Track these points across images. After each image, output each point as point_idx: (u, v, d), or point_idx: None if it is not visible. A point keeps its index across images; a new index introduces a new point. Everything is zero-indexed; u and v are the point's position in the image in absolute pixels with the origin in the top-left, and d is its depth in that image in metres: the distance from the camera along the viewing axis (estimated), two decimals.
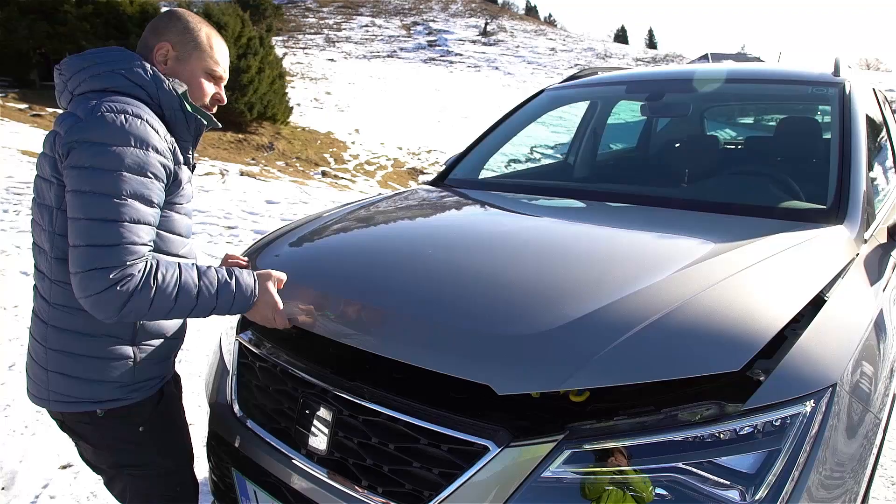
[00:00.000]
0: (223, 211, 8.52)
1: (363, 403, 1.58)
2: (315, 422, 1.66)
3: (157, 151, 1.47)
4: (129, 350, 1.59)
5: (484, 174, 3.35)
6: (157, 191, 1.48)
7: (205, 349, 4.14)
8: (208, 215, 7.96)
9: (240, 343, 2.00)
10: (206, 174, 12.60)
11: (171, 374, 1.81)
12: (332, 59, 38.39)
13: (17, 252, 6.19)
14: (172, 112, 1.59)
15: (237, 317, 2.13)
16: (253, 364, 1.93)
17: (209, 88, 1.70)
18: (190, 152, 1.69)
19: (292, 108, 20.59)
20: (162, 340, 1.68)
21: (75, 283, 1.40)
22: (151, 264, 1.45)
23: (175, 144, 1.57)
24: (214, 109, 1.75)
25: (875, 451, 1.65)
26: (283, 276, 1.73)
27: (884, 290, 1.98)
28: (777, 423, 1.31)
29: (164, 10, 1.75)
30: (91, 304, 1.40)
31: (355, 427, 1.59)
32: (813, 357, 1.43)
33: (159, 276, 1.45)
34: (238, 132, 18.24)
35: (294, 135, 19.82)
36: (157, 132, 1.48)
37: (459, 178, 3.19)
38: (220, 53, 1.71)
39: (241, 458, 1.86)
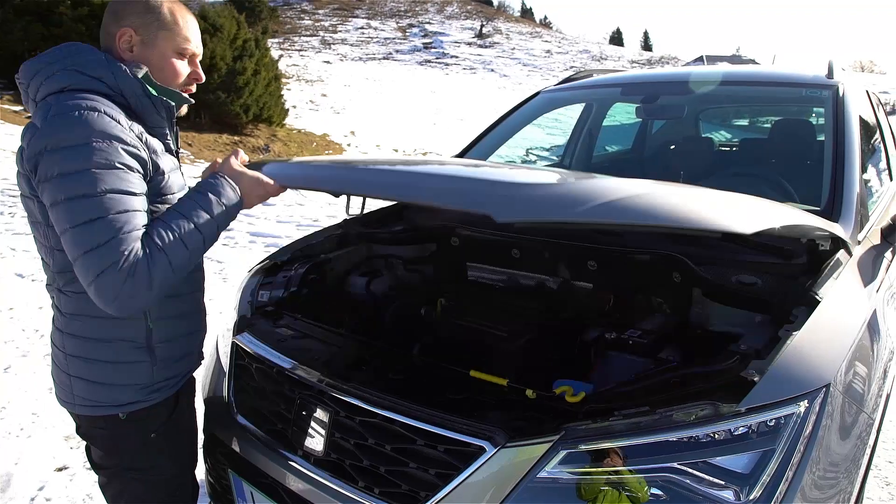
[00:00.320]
0: None
1: (360, 404, 1.58)
2: (312, 423, 1.66)
3: (121, 142, 1.38)
4: (145, 353, 1.58)
5: None
6: (135, 181, 1.40)
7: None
8: None
9: (236, 344, 2.00)
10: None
11: (192, 370, 1.78)
12: (327, 62, 38.42)
13: (12, 254, 6.17)
14: (137, 99, 1.49)
15: (234, 318, 2.14)
16: (249, 365, 1.93)
17: (183, 68, 1.59)
18: (169, 138, 1.62)
19: (288, 110, 20.58)
20: (177, 340, 1.66)
21: (92, 294, 1.36)
22: (147, 241, 1.39)
23: (145, 133, 1.49)
24: (193, 89, 1.66)
25: (868, 451, 1.66)
26: (244, 157, 1.69)
27: (877, 292, 1.99)
28: (771, 424, 1.32)
29: None
30: (118, 306, 1.36)
31: (352, 428, 1.59)
32: (806, 358, 1.44)
33: (156, 238, 1.39)
34: (234, 134, 18.22)
35: (290, 137, 19.82)
36: (119, 122, 1.40)
37: None
38: (188, 28, 1.58)
39: (238, 460, 1.86)
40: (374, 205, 2.79)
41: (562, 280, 2.33)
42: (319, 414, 1.65)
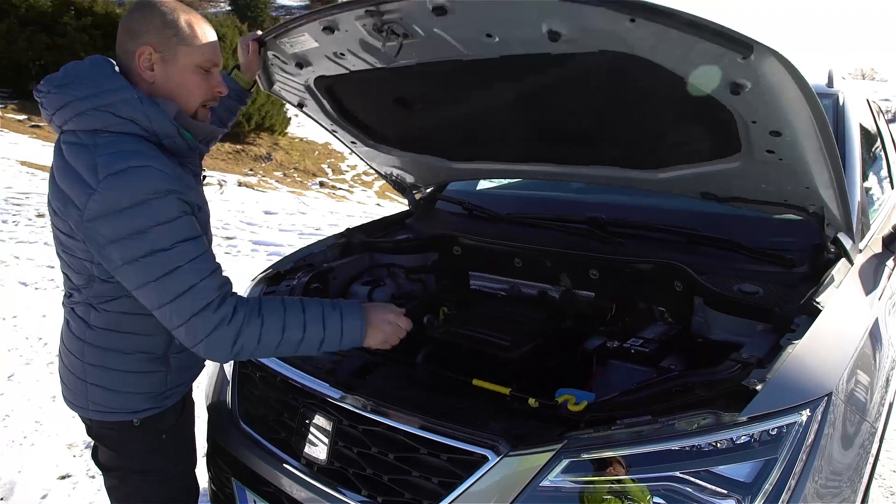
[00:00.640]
0: (221, 221, 8.54)
1: (363, 413, 1.59)
2: (315, 431, 1.67)
3: (174, 192, 1.39)
4: (161, 363, 1.63)
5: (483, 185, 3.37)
6: (192, 223, 1.43)
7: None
8: None
9: None
10: (205, 185, 12.63)
11: (198, 375, 1.82)
12: None
13: (16, 262, 6.20)
14: (170, 140, 1.48)
15: None
16: (253, 374, 1.94)
17: (204, 85, 1.55)
18: (196, 168, 1.66)
19: (290, 118, 20.65)
20: (189, 350, 1.58)
21: (183, 336, 1.40)
22: (249, 301, 1.45)
23: (178, 169, 1.47)
24: (216, 102, 1.65)
25: (871, 460, 1.66)
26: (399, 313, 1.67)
27: (879, 300, 1.99)
28: (773, 433, 1.32)
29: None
30: (204, 347, 1.40)
31: (355, 436, 1.60)
32: (808, 367, 1.44)
33: (263, 310, 1.44)
34: (236, 143, 18.28)
35: (292, 145, 19.88)
36: (165, 171, 1.39)
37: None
38: (207, 40, 1.53)
39: (241, 468, 1.87)
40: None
41: (564, 289, 2.34)
42: (322, 422, 1.66)
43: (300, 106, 2.42)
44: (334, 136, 2.65)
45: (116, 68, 1.48)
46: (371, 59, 1.86)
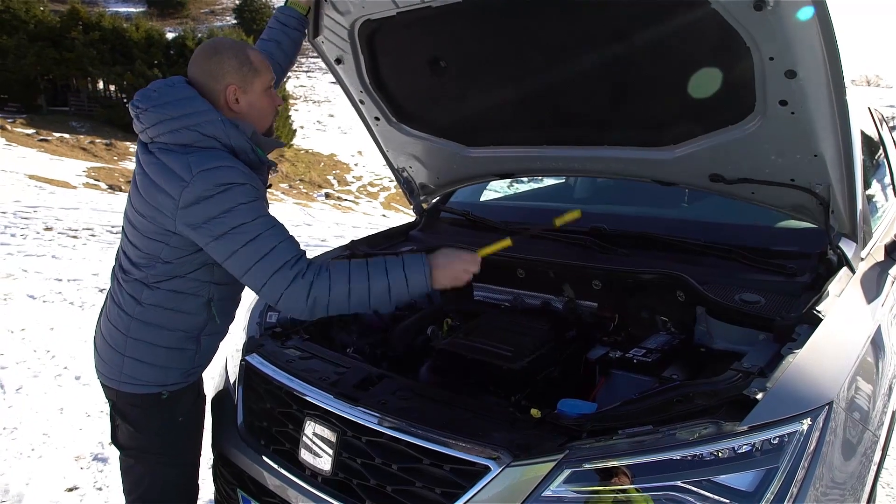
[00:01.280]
0: None
1: (366, 424, 1.60)
2: (319, 442, 1.68)
3: (248, 185, 1.65)
4: (193, 342, 1.84)
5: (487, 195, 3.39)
6: (266, 207, 1.72)
7: (211, 371, 4.15)
8: None
9: (245, 365, 2.03)
10: None
11: (207, 365, 1.98)
12: (334, 82, 38.74)
13: (24, 276, 6.24)
14: (245, 155, 1.73)
15: (243, 339, 2.16)
16: (258, 386, 1.96)
17: (272, 103, 1.84)
18: (266, 180, 1.87)
19: (296, 130, 20.78)
20: (216, 335, 1.93)
21: (265, 294, 1.66)
22: (321, 262, 1.69)
23: (254, 175, 1.72)
24: (278, 115, 1.97)
25: (874, 468, 1.66)
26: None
27: (881, 308, 2.00)
28: (775, 442, 1.33)
29: (204, 43, 1.87)
30: (284, 301, 1.64)
31: (359, 448, 1.61)
32: (809, 375, 1.45)
33: (330, 265, 1.68)
34: None
35: (297, 157, 19.98)
36: (243, 171, 1.66)
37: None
38: (266, 66, 1.81)
39: (247, 479, 1.88)
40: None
41: (567, 299, 2.35)
42: (327, 434, 1.67)
43: (338, 62, 2.45)
44: (359, 108, 2.68)
45: (195, 91, 1.73)
46: None
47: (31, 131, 16.23)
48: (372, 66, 2.42)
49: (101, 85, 30.02)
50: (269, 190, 1.88)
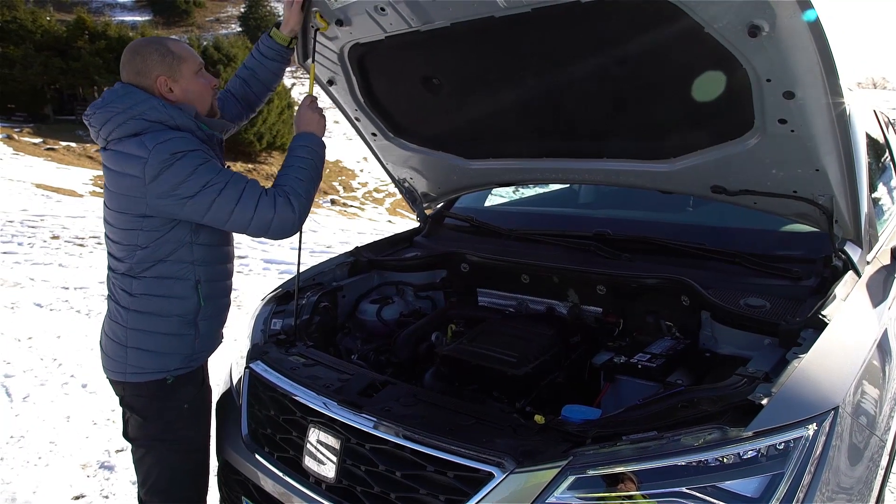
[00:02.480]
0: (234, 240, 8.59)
1: (370, 431, 1.60)
2: (323, 450, 1.68)
3: (198, 149, 1.79)
4: (192, 327, 1.92)
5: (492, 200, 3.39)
6: (219, 166, 1.83)
7: (215, 378, 4.16)
8: None
9: (249, 372, 2.03)
10: None
11: (218, 345, 2.08)
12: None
13: (31, 284, 6.27)
14: (193, 132, 1.84)
15: (247, 346, 2.17)
16: (262, 393, 1.96)
17: (205, 84, 1.94)
18: (217, 155, 1.95)
19: None
20: (215, 318, 2.01)
21: (255, 226, 1.81)
22: (272, 188, 1.87)
23: (205, 146, 1.86)
24: (217, 95, 2.04)
25: (881, 473, 1.65)
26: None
27: (888, 311, 1.98)
28: (780, 447, 1.32)
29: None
30: (278, 224, 1.83)
31: (363, 455, 1.61)
32: (814, 380, 1.44)
33: (280, 184, 1.88)
34: (248, 162, 18.46)
35: None
36: (189, 139, 1.80)
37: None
38: (190, 52, 1.93)
39: (252, 487, 1.88)
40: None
41: (571, 305, 2.35)
42: (331, 441, 1.67)
43: (330, 83, 2.46)
44: (356, 125, 2.69)
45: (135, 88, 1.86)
46: (409, 16, 1.92)
47: (37, 140, 16.33)
48: (365, 85, 2.43)
49: None
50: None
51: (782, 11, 1.41)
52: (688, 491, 1.30)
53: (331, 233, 10.43)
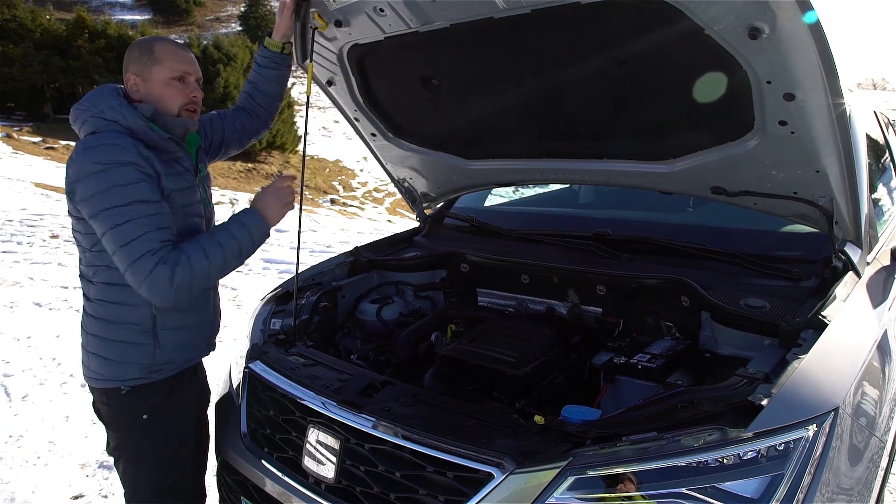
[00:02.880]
0: None
1: (370, 432, 1.60)
2: (323, 450, 1.68)
3: (132, 164, 1.68)
4: (150, 336, 1.82)
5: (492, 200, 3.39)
6: (148, 190, 1.70)
7: (215, 378, 4.16)
8: None
9: (248, 372, 2.03)
10: (217, 203, 12.70)
11: (197, 359, 1.99)
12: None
13: (31, 283, 6.27)
14: (145, 134, 1.75)
15: (246, 346, 2.16)
16: (262, 393, 1.96)
17: (179, 93, 1.84)
18: (184, 161, 1.87)
19: (301, 136, 20.81)
20: (182, 330, 1.89)
21: (129, 278, 1.68)
22: (176, 246, 1.71)
23: (154, 159, 1.74)
24: (197, 112, 1.90)
25: (881, 474, 1.65)
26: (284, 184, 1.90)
27: (888, 312, 1.98)
28: (780, 448, 1.32)
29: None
30: (147, 288, 1.66)
31: (362, 455, 1.61)
32: (814, 381, 1.44)
33: (184, 248, 1.71)
34: (247, 161, 18.45)
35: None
36: (126, 149, 1.69)
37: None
38: (175, 57, 1.83)
39: (251, 487, 1.88)
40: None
41: (571, 305, 2.34)
42: (330, 441, 1.67)
43: (329, 84, 2.45)
44: (355, 126, 2.68)
45: (119, 91, 1.82)
46: (408, 17, 1.91)
47: (37, 139, 16.32)
48: (364, 85, 2.43)
49: None
50: None
51: (783, 13, 1.41)
52: (688, 492, 1.30)
53: (330, 232, 10.43)
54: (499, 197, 3.69)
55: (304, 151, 2.34)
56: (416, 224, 3.21)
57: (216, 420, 2.15)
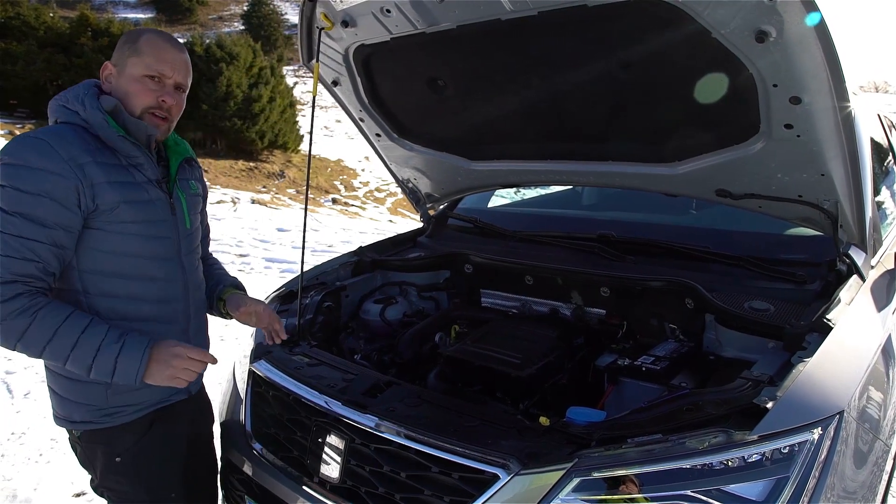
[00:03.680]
0: (235, 239, 8.60)
1: (375, 432, 1.60)
2: (327, 450, 1.68)
3: (52, 172, 1.46)
4: None
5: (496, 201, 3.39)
6: (49, 211, 1.46)
7: (217, 377, 4.16)
8: (220, 244, 8.05)
9: (253, 371, 2.03)
10: (218, 202, 12.72)
11: (163, 401, 1.73)
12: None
13: None
14: (103, 131, 1.56)
15: (251, 345, 2.17)
16: (266, 392, 1.96)
17: (148, 93, 1.62)
18: (145, 168, 1.64)
19: (303, 136, 20.83)
20: None
21: None
22: (38, 298, 1.45)
23: (91, 165, 1.52)
24: (167, 120, 1.68)
25: (886, 477, 1.65)
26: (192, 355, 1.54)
27: (892, 316, 1.98)
28: (785, 451, 1.32)
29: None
30: None
31: (367, 455, 1.61)
32: (819, 384, 1.44)
33: (43, 310, 1.44)
34: (249, 160, 18.45)
35: (305, 163, 20.02)
36: (57, 151, 1.47)
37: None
38: (157, 54, 1.62)
39: (255, 487, 1.88)
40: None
41: (575, 306, 2.35)
42: (335, 441, 1.67)
43: (334, 84, 2.45)
44: (360, 126, 2.68)
45: (98, 84, 1.66)
46: (414, 18, 1.91)
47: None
48: (369, 86, 2.43)
49: None
50: (276, 195, 1.84)
51: (790, 17, 1.42)
52: (692, 494, 1.30)
53: (332, 232, 10.44)
54: (499, 198, 3.69)
55: (310, 151, 2.34)
56: (419, 224, 3.21)
57: (221, 419, 2.15)
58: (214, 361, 1.56)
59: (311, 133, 2.12)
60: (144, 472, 1.71)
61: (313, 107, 2.16)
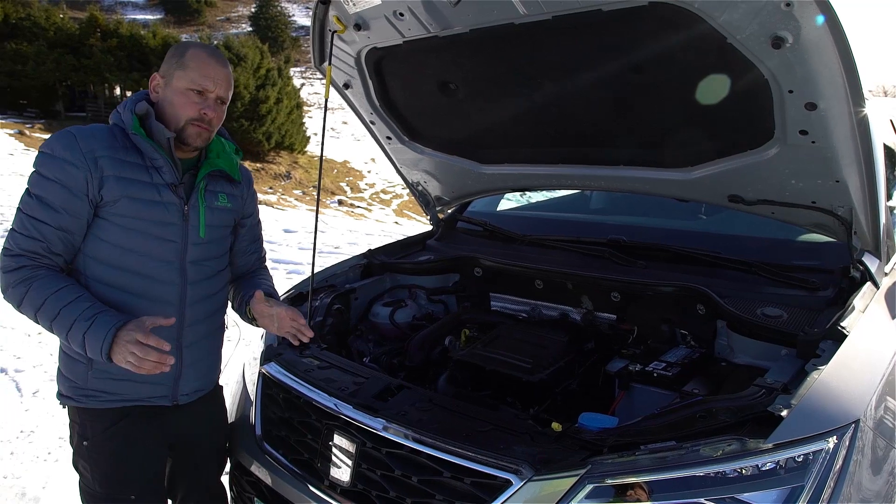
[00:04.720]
0: None
1: (386, 435, 1.60)
2: (338, 453, 1.68)
3: (68, 162, 1.61)
4: (81, 354, 1.65)
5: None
6: (59, 196, 1.61)
7: (227, 378, 4.16)
8: None
9: (263, 374, 2.03)
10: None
11: (142, 399, 1.75)
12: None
13: None
14: (129, 131, 1.69)
15: (261, 348, 2.17)
16: (276, 395, 1.96)
17: (191, 105, 1.71)
18: (164, 172, 1.71)
19: (309, 137, 20.89)
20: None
21: None
22: (39, 271, 1.62)
23: (107, 159, 1.64)
24: (207, 130, 1.75)
25: None
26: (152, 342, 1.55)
27: None
28: (800, 460, 1.31)
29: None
30: None
31: (378, 459, 1.60)
32: (834, 393, 1.43)
33: (35, 278, 1.60)
34: (256, 161, 18.50)
35: (311, 164, 20.08)
36: (79, 145, 1.62)
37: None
38: (200, 69, 1.71)
39: (264, 489, 1.88)
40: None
41: (585, 311, 2.34)
42: (346, 444, 1.66)
43: (346, 87, 2.46)
44: (371, 128, 2.68)
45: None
46: (427, 21, 1.91)
47: (48, 136, 16.47)
48: (381, 89, 2.43)
49: (118, 91, 30.33)
50: (282, 196, 1.85)
51: (807, 23, 1.41)
52: (706, 502, 1.29)
53: (339, 233, 10.45)
54: (507, 201, 3.68)
55: (322, 154, 2.34)
56: (425, 226, 3.20)
57: (231, 421, 2.14)
58: (167, 369, 1.56)
59: (322, 135, 2.12)
60: (103, 465, 1.77)
61: (325, 109, 2.16)
